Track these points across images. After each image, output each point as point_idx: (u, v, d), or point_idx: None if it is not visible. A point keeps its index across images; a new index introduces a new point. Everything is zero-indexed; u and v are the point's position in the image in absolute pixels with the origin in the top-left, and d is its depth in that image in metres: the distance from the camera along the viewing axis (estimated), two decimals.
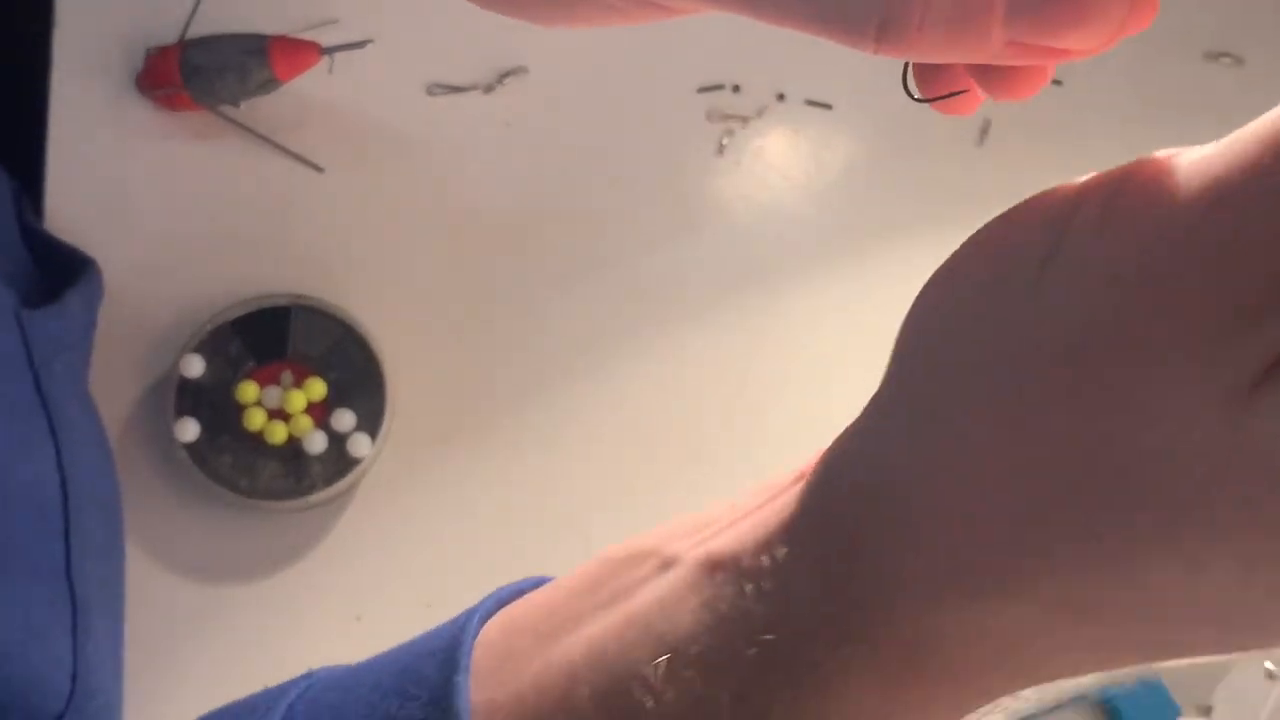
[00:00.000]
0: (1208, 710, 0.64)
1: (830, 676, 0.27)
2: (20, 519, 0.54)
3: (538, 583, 0.35)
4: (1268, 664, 0.65)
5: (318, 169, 0.72)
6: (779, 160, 0.74)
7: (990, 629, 0.25)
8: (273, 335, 0.68)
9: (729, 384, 0.71)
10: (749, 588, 0.27)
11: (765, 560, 0.28)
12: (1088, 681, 0.27)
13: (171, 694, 0.65)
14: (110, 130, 0.72)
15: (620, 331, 0.71)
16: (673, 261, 0.72)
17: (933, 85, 0.28)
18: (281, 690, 0.36)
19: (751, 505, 0.30)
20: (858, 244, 0.73)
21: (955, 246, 0.30)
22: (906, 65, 0.28)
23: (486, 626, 0.33)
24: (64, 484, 0.57)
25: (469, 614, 0.34)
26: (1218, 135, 0.25)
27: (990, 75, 0.27)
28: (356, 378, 0.68)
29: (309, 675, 0.37)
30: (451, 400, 0.70)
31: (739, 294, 0.72)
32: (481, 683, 0.31)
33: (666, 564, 0.30)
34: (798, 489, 0.29)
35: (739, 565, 0.28)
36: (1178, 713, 0.64)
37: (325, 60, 0.69)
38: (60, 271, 0.65)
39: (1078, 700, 0.65)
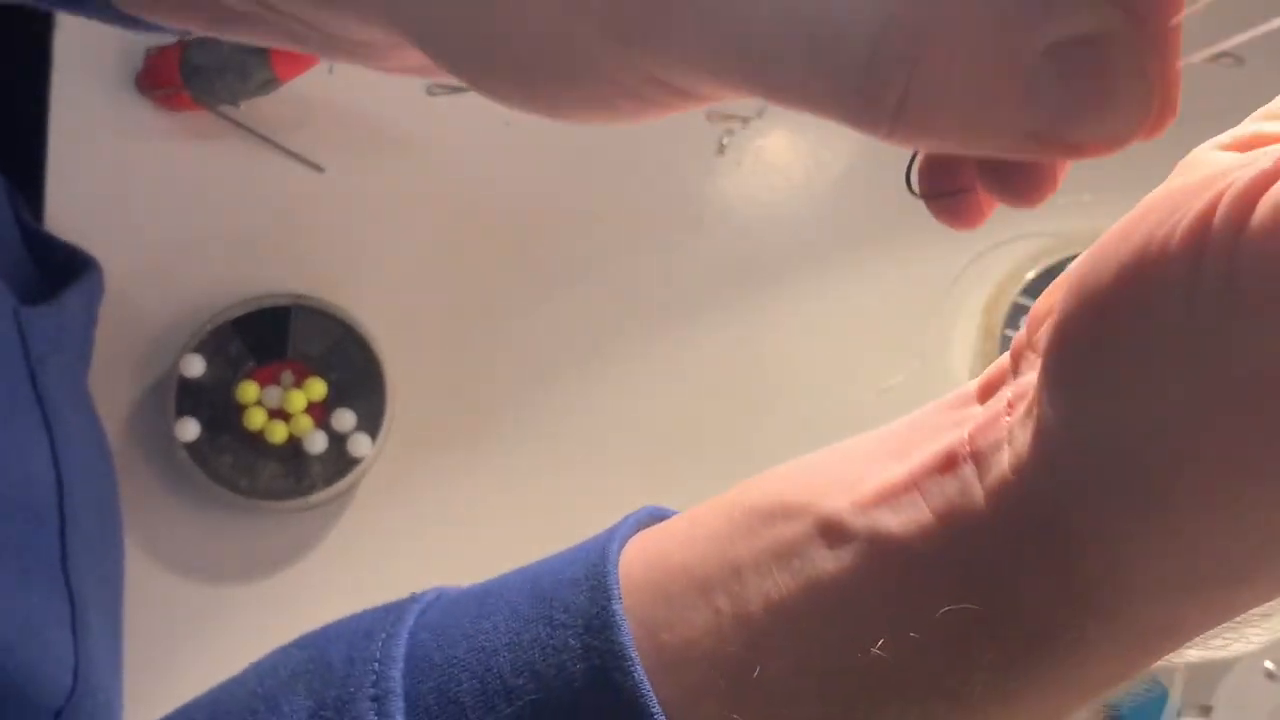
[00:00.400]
0: (1208, 710, 0.64)
1: (1061, 649, 0.27)
2: (15, 516, 0.54)
3: (664, 514, 0.34)
4: (1267, 664, 0.65)
5: (318, 169, 0.72)
6: (779, 160, 0.74)
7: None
8: (273, 335, 0.68)
9: (729, 383, 0.71)
10: (947, 569, 0.27)
11: (957, 536, 0.27)
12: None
13: (171, 693, 0.65)
14: (110, 130, 0.72)
15: (620, 331, 0.71)
16: (673, 261, 0.72)
17: (938, 184, 0.28)
18: (396, 612, 0.35)
19: (890, 458, 0.30)
20: (857, 244, 0.73)
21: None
22: (912, 158, 0.28)
23: (626, 554, 0.32)
24: (59, 481, 0.57)
25: (606, 539, 0.33)
26: (1216, 136, 0.25)
27: (1000, 176, 0.26)
28: (357, 377, 0.68)
29: (419, 598, 0.36)
30: (452, 400, 0.70)
31: (739, 294, 0.72)
32: (638, 618, 0.30)
33: (828, 527, 0.29)
34: (968, 470, 0.28)
35: (929, 538, 0.28)
36: (1177, 713, 0.64)
37: (325, 60, 0.69)
38: (60, 270, 0.65)
39: None
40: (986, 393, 0.31)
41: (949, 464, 0.28)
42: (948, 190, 0.27)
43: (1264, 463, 0.23)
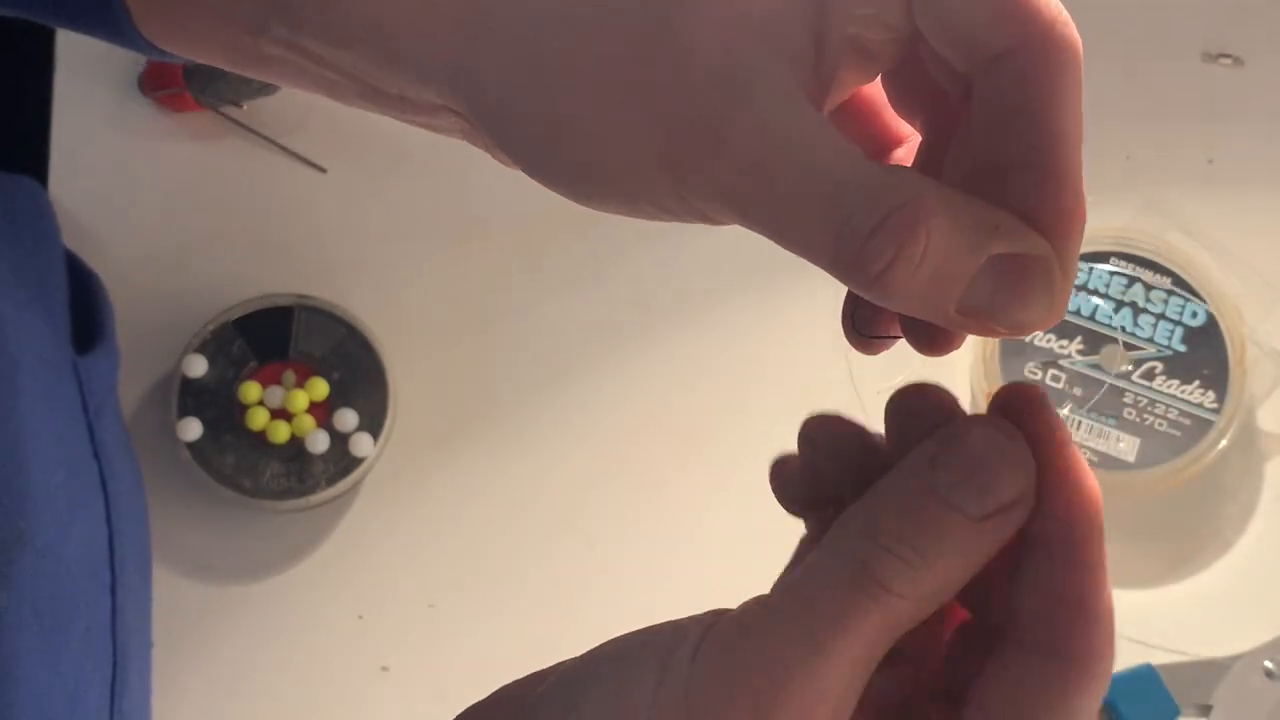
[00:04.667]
0: (1207, 710, 0.65)
1: None
2: (76, 580, 0.54)
3: None
4: (1267, 663, 0.65)
5: (320, 170, 0.72)
6: None
7: None
8: (275, 335, 0.68)
9: (729, 383, 0.71)
10: None
11: None
12: None
13: (172, 693, 0.66)
14: (113, 131, 0.72)
15: (622, 331, 0.71)
16: (674, 260, 0.72)
17: (872, 329, 0.35)
18: None
19: None
20: None
21: None
22: (855, 306, 0.35)
23: None
24: (111, 538, 0.57)
25: None
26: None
27: (920, 333, 0.34)
28: (359, 377, 0.68)
29: None
30: (453, 400, 0.70)
31: (740, 294, 0.72)
32: None
33: None
34: None
35: None
36: (1177, 713, 0.64)
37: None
38: (74, 290, 0.64)
39: None
40: None
41: None
42: (881, 335, 0.35)
43: None
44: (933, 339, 0.34)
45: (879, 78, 0.36)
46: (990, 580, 0.30)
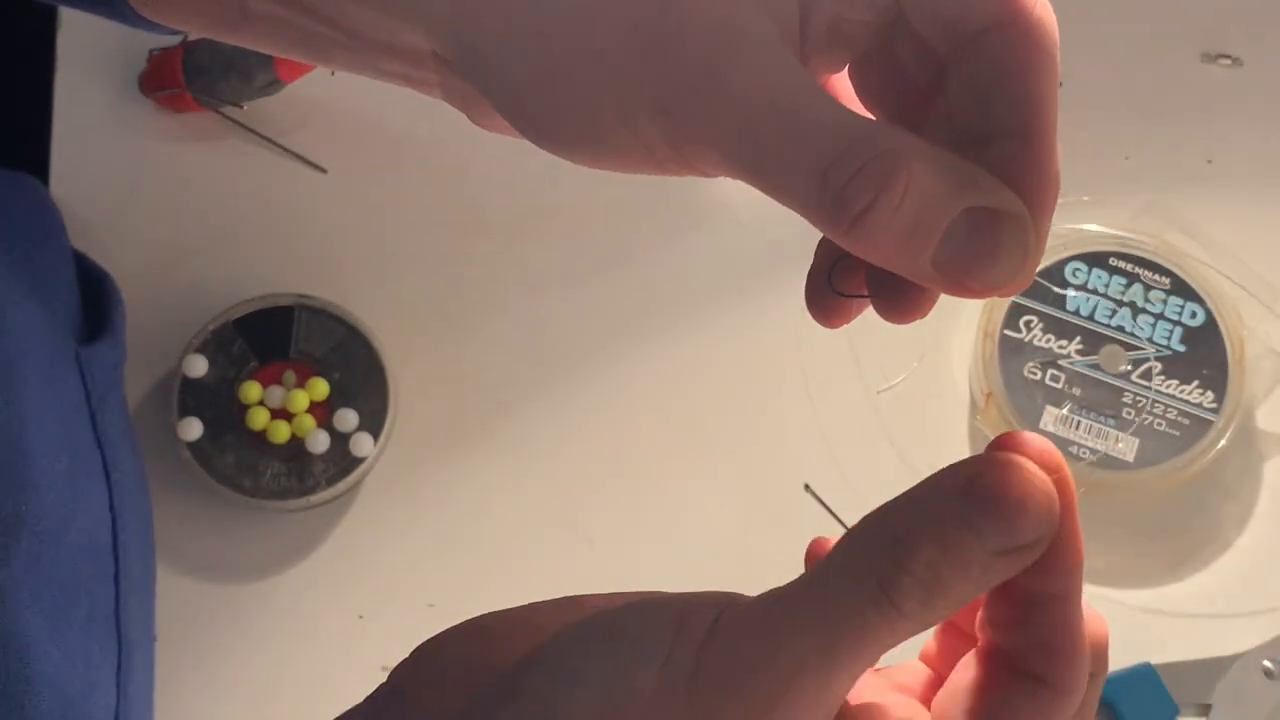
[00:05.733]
0: (1207, 709, 0.65)
1: None
2: (80, 567, 0.54)
3: None
4: (1267, 663, 0.65)
5: (321, 170, 0.72)
6: None
7: None
8: (276, 335, 0.68)
9: (729, 382, 0.71)
10: None
11: None
12: None
13: (172, 692, 0.66)
14: (113, 132, 0.72)
15: (622, 331, 0.72)
16: (674, 260, 0.72)
17: (846, 286, 0.36)
18: None
19: None
20: None
21: None
22: (833, 265, 0.36)
23: None
24: (114, 526, 0.58)
25: None
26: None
27: (891, 295, 0.35)
28: (359, 377, 0.68)
29: None
30: (454, 400, 0.70)
31: (741, 293, 0.72)
32: None
33: None
34: None
35: None
36: (1177, 712, 0.64)
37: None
38: (82, 287, 0.64)
39: None
40: None
41: None
42: (853, 294, 0.36)
43: None
44: (900, 302, 0.35)
45: (845, 69, 0.37)
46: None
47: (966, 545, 0.29)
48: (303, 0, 0.36)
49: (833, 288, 0.36)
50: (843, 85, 0.38)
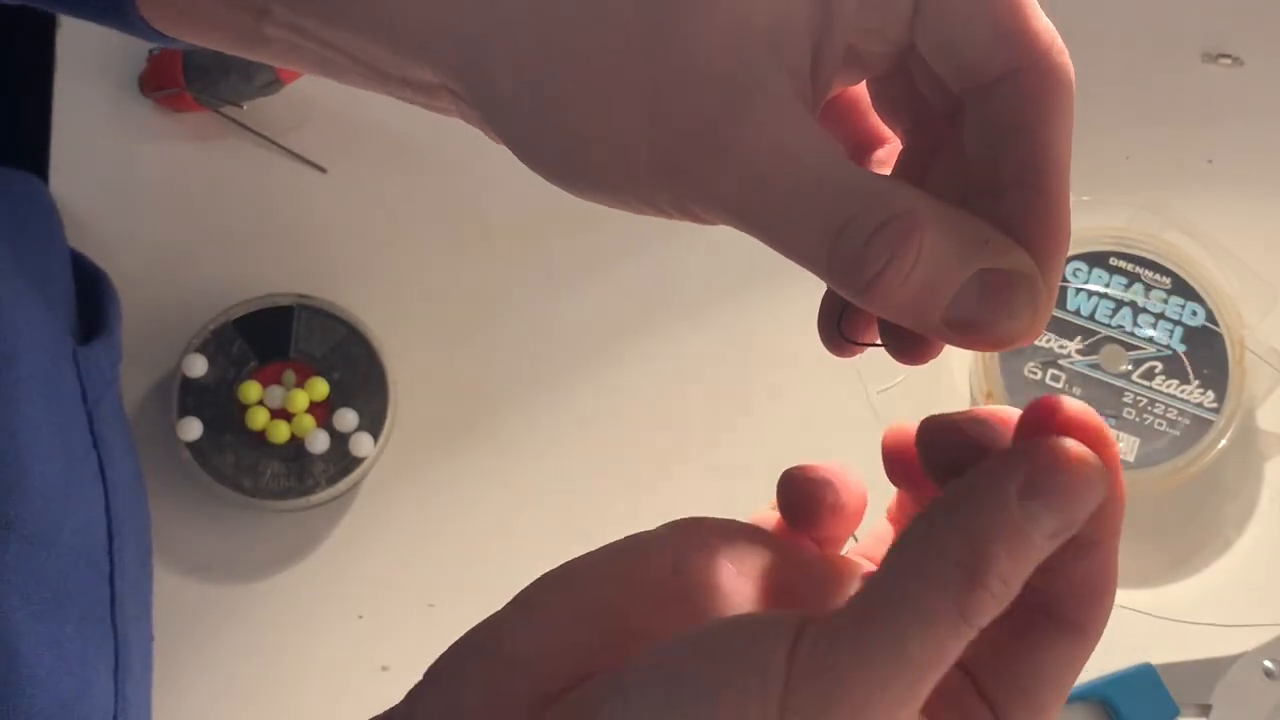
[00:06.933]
0: (1207, 710, 0.65)
1: None
2: (73, 567, 0.54)
3: None
4: (1267, 663, 0.65)
5: (321, 169, 0.72)
6: None
7: None
8: (276, 335, 0.68)
9: (729, 382, 0.71)
10: None
11: None
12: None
13: (172, 692, 0.66)
14: (113, 131, 0.72)
15: (622, 331, 0.72)
16: (674, 260, 0.72)
17: (857, 334, 0.36)
18: None
19: None
20: None
21: None
22: (843, 311, 0.36)
23: None
24: (109, 526, 0.58)
25: None
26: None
27: (901, 342, 0.35)
28: (359, 377, 0.68)
29: None
30: (454, 400, 0.70)
31: (741, 293, 0.72)
32: None
33: None
34: None
35: None
36: (1177, 712, 0.64)
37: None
38: (79, 286, 0.65)
39: (1077, 700, 0.65)
40: None
41: None
42: (865, 342, 0.36)
43: None
44: (912, 348, 0.35)
45: (863, 82, 0.37)
46: None
47: (1033, 544, 0.29)
48: (317, 34, 0.36)
49: (843, 335, 0.36)
50: (861, 94, 0.38)
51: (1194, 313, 0.68)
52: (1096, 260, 0.69)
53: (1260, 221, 0.73)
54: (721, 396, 0.71)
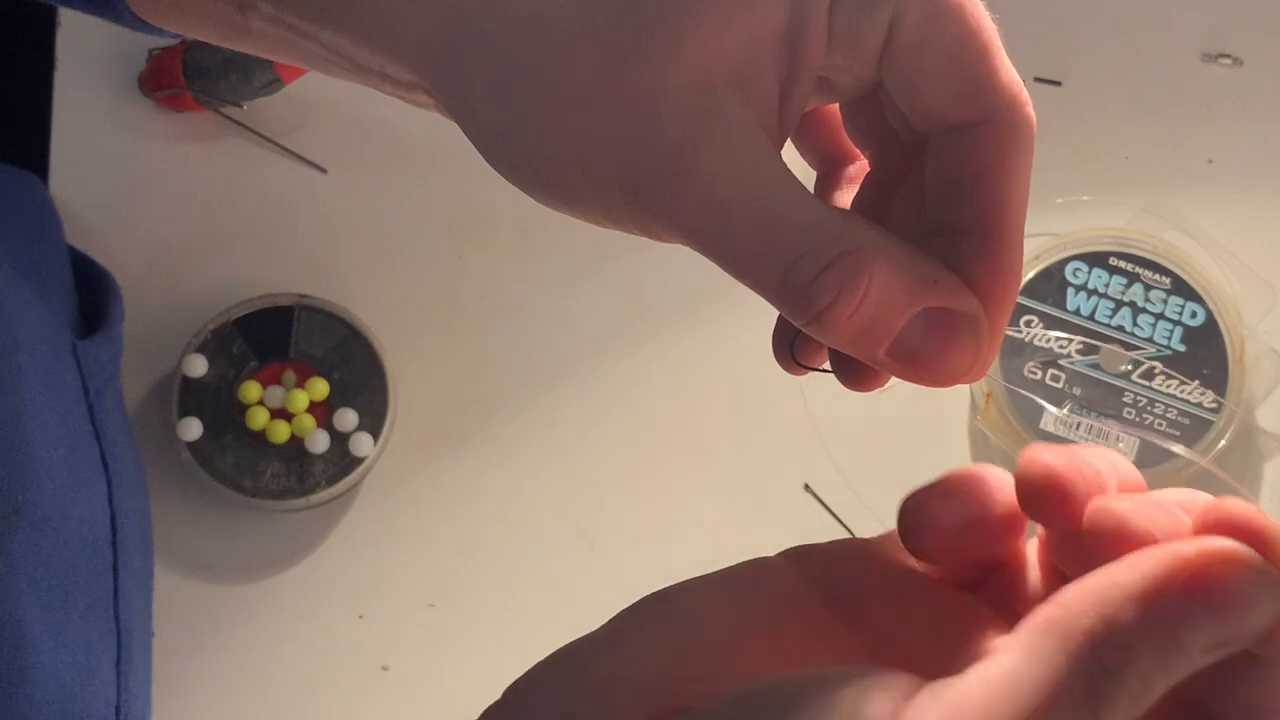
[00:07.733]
0: None
1: None
2: (79, 556, 0.54)
3: None
4: None
5: (321, 170, 0.72)
6: None
7: None
8: (276, 335, 0.68)
9: (729, 382, 0.71)
10: None
11: None
12: None
13: (172, 692, 0.66)
14: (113, 131, 0.72)
15: (622, 330, 0.72)
16: (673, 260, 0.72)
17: (808, 359, 0.38)
18: None
19: None
20: None
21: None
22: (795, 336, 0.37)
23: None
24: (113, 518, 0.58)
25: None
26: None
27: (848, 369, 0.36)
28: (359, 377, 0.68)
29: None
30: (453, 400, 0.70)
31: (741, 294, 0.72)
32: None
33: None
34: None
35: None
36: None
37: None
38: (82, 285, 0.65)
39: None
40: None
41: None
42: (814, 367, 0.38)
43: None
44: (859, 376, 0.36)
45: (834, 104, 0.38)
46: None
47: (1186, 653, 0.26)
48: (300, 27, 0.36)
49: (794, 360, 0.38)
50: (832, 111, 0.38)
51: (1194, 313, 0.68)
52: (1096, 260, 0.69)
53: (1260, 221, 0.73)
54: (721, 396, 0.71)
